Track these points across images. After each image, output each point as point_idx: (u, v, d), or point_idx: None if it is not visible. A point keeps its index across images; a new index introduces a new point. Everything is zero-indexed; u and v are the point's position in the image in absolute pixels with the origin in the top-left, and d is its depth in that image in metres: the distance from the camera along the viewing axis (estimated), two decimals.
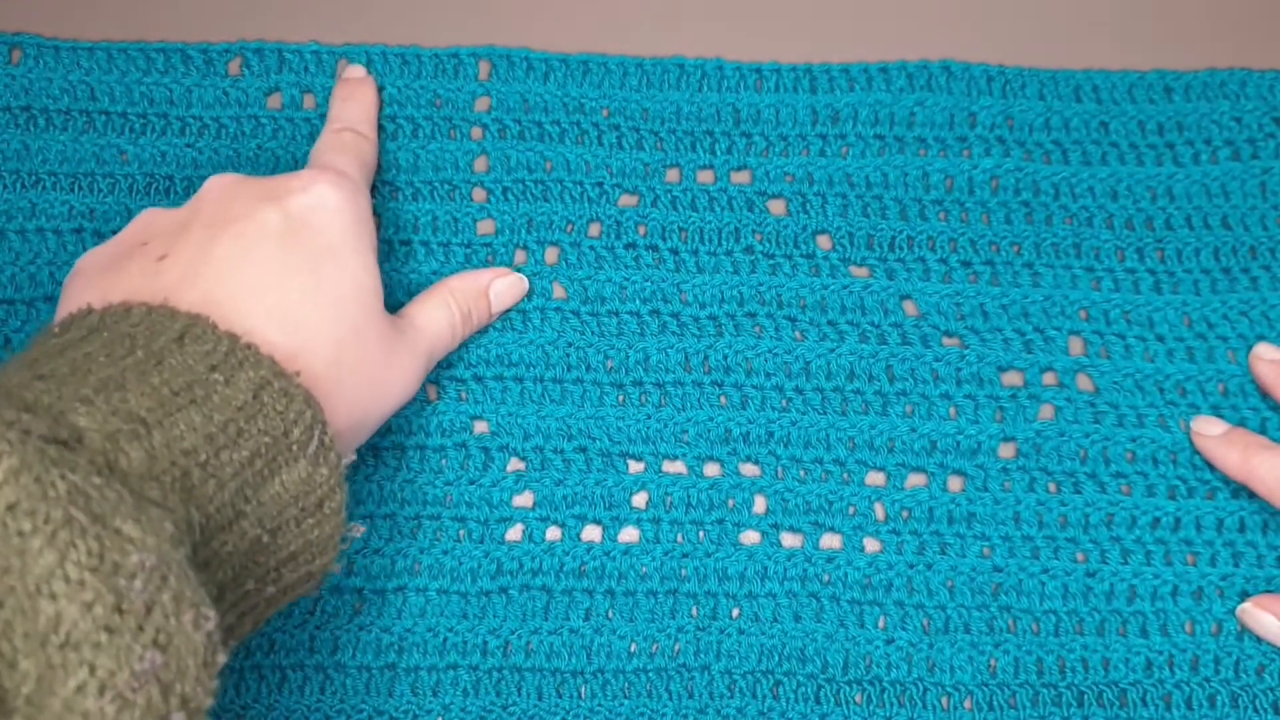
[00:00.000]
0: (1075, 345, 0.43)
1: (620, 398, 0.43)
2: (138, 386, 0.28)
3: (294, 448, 0.31)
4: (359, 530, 0.35)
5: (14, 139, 0.45)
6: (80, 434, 0.26)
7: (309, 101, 0.46)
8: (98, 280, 0.33)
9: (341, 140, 0.41)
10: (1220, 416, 0.41)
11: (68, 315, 0.32)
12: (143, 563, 0.24)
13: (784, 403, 0.43)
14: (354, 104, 0.43)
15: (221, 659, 0.25)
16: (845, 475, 0.42)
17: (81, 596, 0.23)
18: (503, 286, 0.42)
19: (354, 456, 0.36)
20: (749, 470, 0.41)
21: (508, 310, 0.43)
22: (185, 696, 0.23)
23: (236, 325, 0.31)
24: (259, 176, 0.37)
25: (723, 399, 0.43)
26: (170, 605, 0.24)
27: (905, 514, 0.41)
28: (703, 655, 0.39)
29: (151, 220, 0.35)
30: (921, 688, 0.38)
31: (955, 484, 0.42)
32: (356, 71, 0.45)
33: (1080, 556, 0.40)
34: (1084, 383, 0.42)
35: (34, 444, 0.24)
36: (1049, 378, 0.42)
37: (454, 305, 0.40)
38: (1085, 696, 0.37)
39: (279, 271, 0.33)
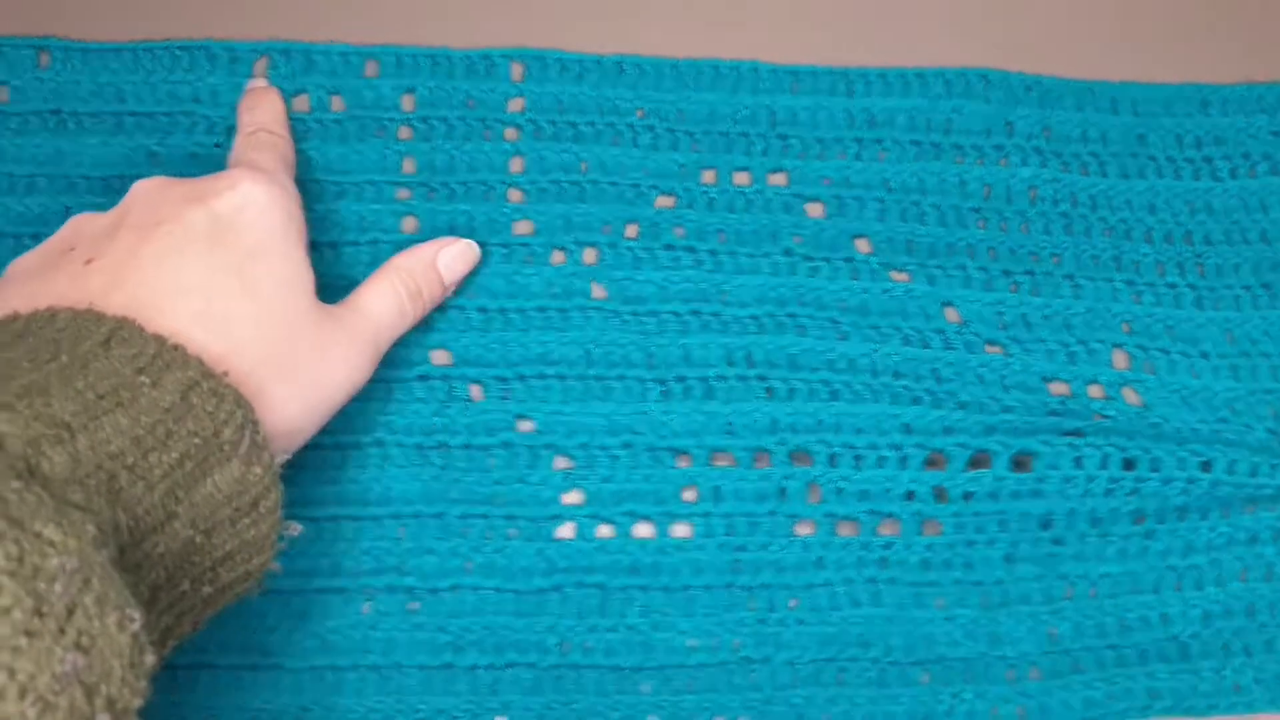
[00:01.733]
0: (1119, 359, 0.47)
1: (663, 392, 0.48)
2: (62, 391, 0.30)
3: (225, 448, 0.33)
4: (296, 529, 0.38)
5: (46, 143, 0.50)
6: (0, 440, 0.28)
7: (337, 103, 0.51)
8: (25, 286, 0.36)
9: (258, 140, 0.44)
10: (1272, 437, 0.47)
11: None
12: (63, 565, 0.25)
13: (831, 393, 0.49)
14: (262, 109, 0.46)
15: (150, 659, 0.27)
16: (902, 460, 0.47)
17: (0, 601, 0.25)
18: (451, 255, 0.45)
19: (288, 457, 0.39)
20: (800, 460, 0.47)
21: (461, 281, 0.46)
22: (111, 698, 0.25)
23: (164, 327, 0.34)
24: (186, 178, 0.40)
25: (768, 391, 0.48)
26: (93, 607, 0.26)
27: (967, 496, 0.46)
28: (764, 647, 0.44)
29: (80, 225, 0.38)
30: (985, 662, 0.44)
31: (1014, 465, 0.47)
32: (258, 83, 0.48)
33: (1139, 519, 0.46)
34: (1130, 397, 0.47)
35: None
36: (1095, 390, 0.46)
37: (400, 284, 0.42)
38: (1147, 654, 0.44)
39: (205, 272, 0.36)
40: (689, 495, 0.45)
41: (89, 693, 0.25)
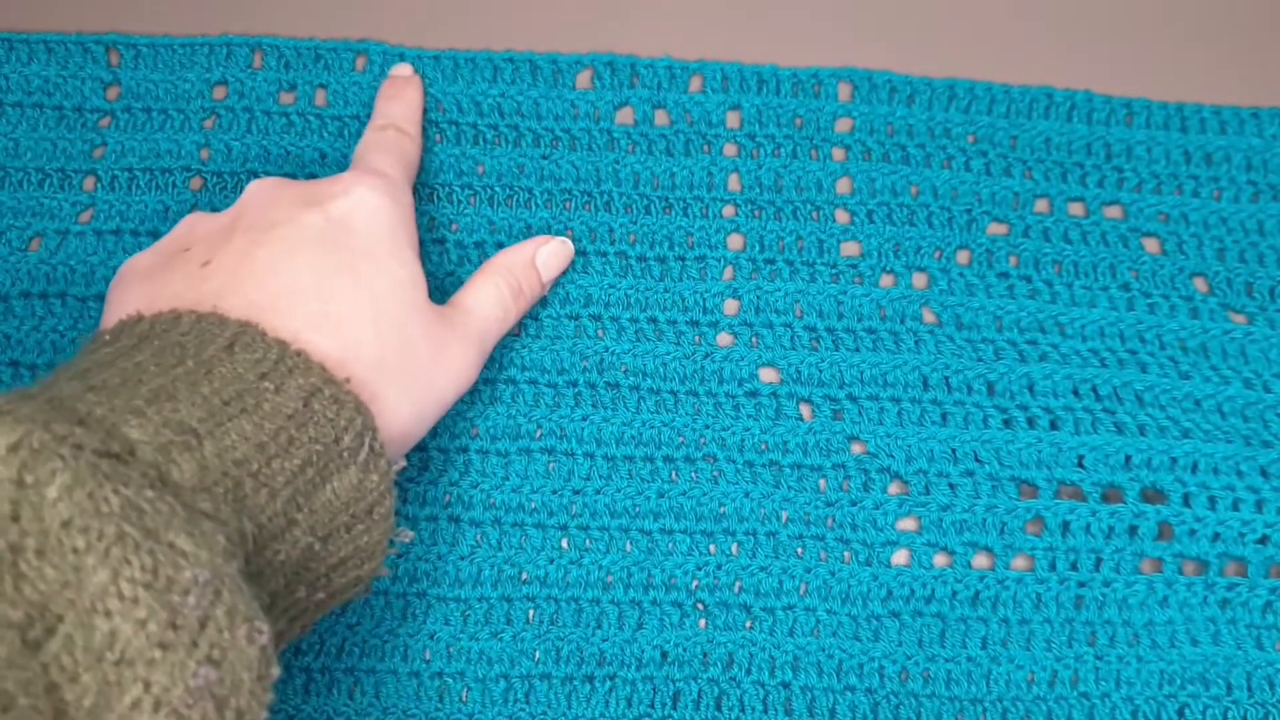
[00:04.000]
0: None
1: (1005, 421, 0.53)
2: (189, 396, 0.33)
3: (345, 454, 0.36)
4: (408, 535, 0.43)
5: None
6: (132, 446, 0.31)
7: (661, 118, 0.58)
8: (142, 286, 0.39)
9: (385, 138, 0.49)
10: None
11: (117, 323, 0.38)
12: (196, 578, 0.28)
13: (1182, 432, 0.53)
14: (399, 102, 0.51)
15: (275, 672, 0.30)
16: (1258, 503, 0.51)
17: (135, 614, 0.27)
18: (548, 253, 0.50)
19: (404, 463, 0.43)
20: (1152, 498, 0.53)
21: (558, 278, 0.51)
22: (240, 711, 0.28)
23: (283, 331, 0.37)
24: (300, 180, 0.43)
25: (1118, 426, 0.54)
26: (224, 620, 0.28)
27: None
28: (1103, 683, 0.48)
29: (194, 225, 0.42)
30: None
31: None
32: (403, 70, 0.53)
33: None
34: None
35: (87, 458, 0.28)
36: None
37: (503, 283, 0.47)
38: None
39: (319, 275, 0.39)
40: (1033, 528, 0.51)
41: (220, 706, 0.28)
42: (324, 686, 0.50)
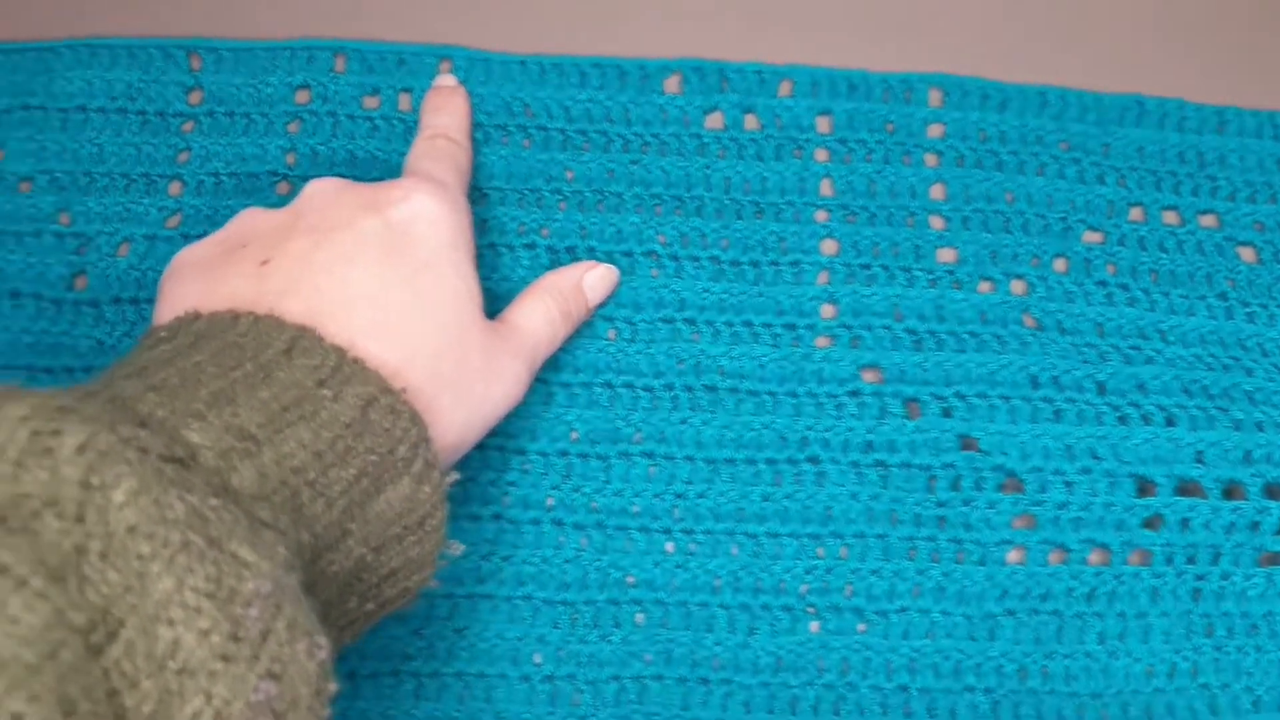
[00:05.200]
0: None
1: (1119, 418, 0.56)
2: (248, 401, 0.35)
3: (399, 465, 0.38)
4: (458, 548, 0.45)
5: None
6: (194, 451, 0.32)
7: (750, 122, 0.62)
8: (198, 280, 0.41)
9: (437, 147, 0.51)
10: None
11: (173, 319, 0.39)
12: (258, 590, 0.29)
13: None
14: (446, 113, 0.53)
15: (332, 687, 0.31)
16: None
17: (198, 624, 0.28)
18: (594, 278, 0.52)
19: (457, 475, 0.45)
20: (1275, 494, 0.52)
21: (603, 304, 0.53)
22: None
23: (338, 337, 0.39)
24: (360, 182, 0.45)
25: (1234, 423, 0.56)
26: (285, 634, 0.30)
27: None
28: (1223, 674, 0.50)
29: (252, 221, 0.44)
30: None
31: None
32: (447, 80, 0.56)
33: None
34: None
35: (152, 463, 0.30)
36: None
37: (551, 303, 0.49)
38: None
39: (379, 283, 0.41)
40: (1150, 524, 0.52)
41: None
42: (434, 692, 0.53)
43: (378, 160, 0.60)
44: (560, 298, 0.50)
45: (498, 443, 0.53)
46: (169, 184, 0.57)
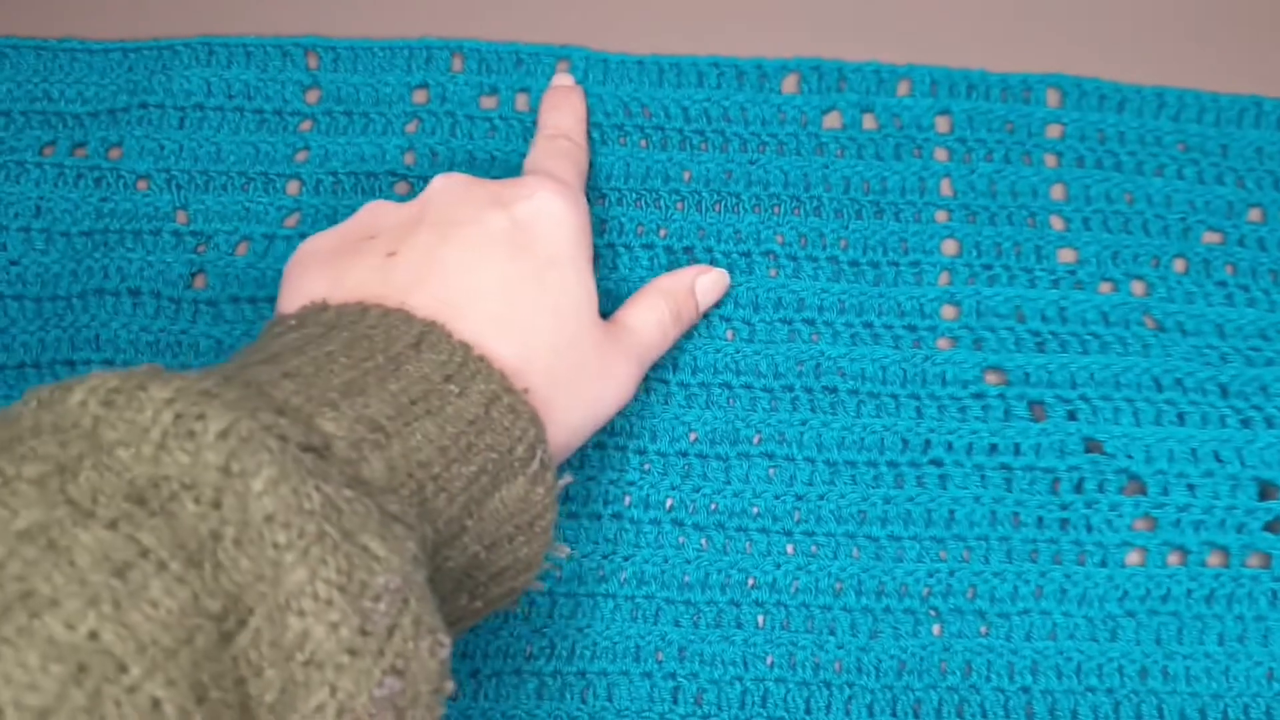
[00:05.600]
0: None
1: (1242, 421, 0.57)
2: (378, 393, 0.35)
3: (516, 465, 0.38)
4: (565, 551, 0.45)
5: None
6: (329, 441, 0.33)
7: (869, 122, 0.63)
8: (325, 270, 0.42)
9: (558, 147, 0.52)
10: None
11: (301, 308, 0.40)
12: (387, 584, 0.30)
13: None
14: (564, 112, 0.54)
15: (450, 686, 0.31)
16: None
17: (328, 616, 0.29)
18: (707, 283, 0.53)
19: (570, 478, 0.46)
20: None
21: (713, 307, 0.54)
22: None
23: (463, 332, 0.39)
24: (485, 179, 0.46)
25: None
26: (410, 630, 0.30)
27: None
28: None
29: (379, 213, 0.45)
30: None
31: None
32: (565, 80, 0.57)
33: None
34: None
35: (291, 452, 0.30)
36: None
37: (665, 307, 0.50)
38: None
39: (504, 280, 0.42)
40: (1271, 526, 0.53)
41: (399, 717, 0.30)
42: (556, 691, 0.54)
43: (496, 160, 0.61)
44: (672, 300, 0.51)
45: (618, 442, 0.54)
46: (287, 183, 0.59)
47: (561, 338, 0.43)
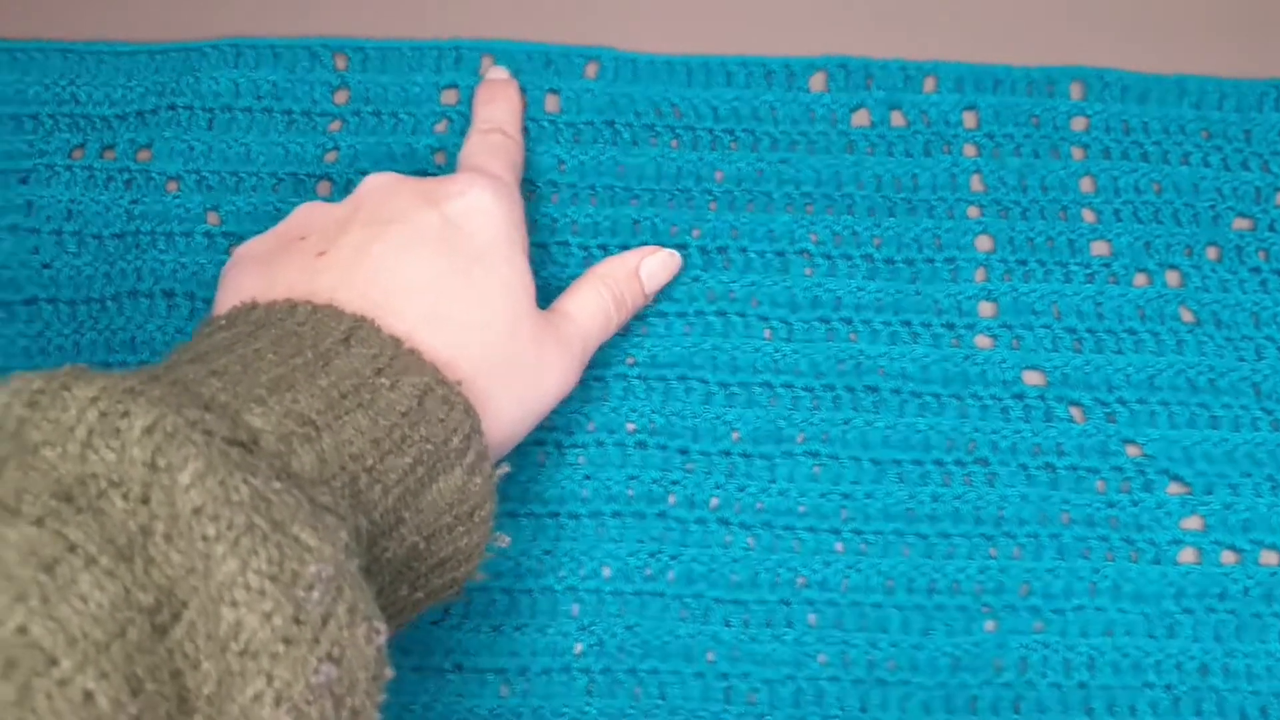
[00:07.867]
0: None
1: (1273, 423, 0.56)
2: (307, 387, 0.35)
3: (452, 455, 0.38)
4: (504, 540, 0.44)
5: (602, 154, 0.58)
6: (256, 435, 0.32)
7: (897, 118, 0.60)
8: (257, 272, 0.41)
9: (491, 142, 0.50)
10: None
11: (231, 308, 0.39)
12: (320, 573, 0.29)
13: None
14: (498, 105, 0.52)
15: (389, 673, 0.31)
16: None
17: (261, 606, 0.28)
18: (654, 265, 0.51)
19: (507, 468, 0.45)
20: None
21: (661, 289, 0.52)
22: (355, 710, 0.29)
23: (394, 328, 0.39)
24: (415, 177, 0.45)
25: None
26: (345, 618, 0.29)
27: None
28: None
29: (310, 214, 0.44)
30: None
31: None
32: (500, 73, 0.54)
33: None
34: None
35: (218, 446, 0.30)
36: None
37: (606, 293, 0.48)
38: None
39: (435, 276, 0.41)
40: None
41: (337, 704, 0.29)
42: (606, 688, 0.52)
43: (529, 163, 0.58)
44: (615, 285, 0.49)
45: (660, 441, 0.53)
46: (317, 183, 0.56)
47: (494, 330, 0.42)
